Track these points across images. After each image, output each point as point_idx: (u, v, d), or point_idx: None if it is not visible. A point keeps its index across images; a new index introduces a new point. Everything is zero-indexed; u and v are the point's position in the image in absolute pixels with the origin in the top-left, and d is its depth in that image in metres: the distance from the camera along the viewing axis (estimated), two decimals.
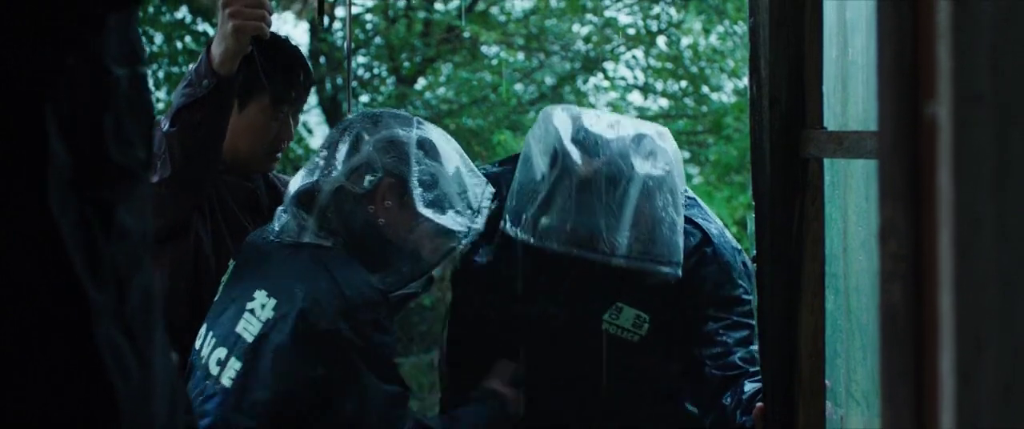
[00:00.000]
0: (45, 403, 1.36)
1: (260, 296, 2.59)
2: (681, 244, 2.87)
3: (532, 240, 2.85)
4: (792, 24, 2.35)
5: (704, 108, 8.95)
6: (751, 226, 2.45)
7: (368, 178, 2.66)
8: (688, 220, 2.96)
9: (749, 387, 2.82)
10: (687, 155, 9.01)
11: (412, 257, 2.68)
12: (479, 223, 2.77)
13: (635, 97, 9.17)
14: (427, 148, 2.74)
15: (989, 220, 1.05)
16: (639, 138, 2.88)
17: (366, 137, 2.69)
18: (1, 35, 1.32)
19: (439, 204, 2.72)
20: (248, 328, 2.57)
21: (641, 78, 9.18)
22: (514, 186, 2.95)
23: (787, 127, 2.38)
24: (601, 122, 2.91)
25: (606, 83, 9.11)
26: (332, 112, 8.96)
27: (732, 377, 2.86)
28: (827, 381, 2.47)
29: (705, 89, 9.02)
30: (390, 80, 9.39)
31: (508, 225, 2.89)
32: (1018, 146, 1.05)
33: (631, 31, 9.15)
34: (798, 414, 2.43)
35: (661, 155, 2.89)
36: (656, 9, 9.17)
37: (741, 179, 8.07)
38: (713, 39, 9.06)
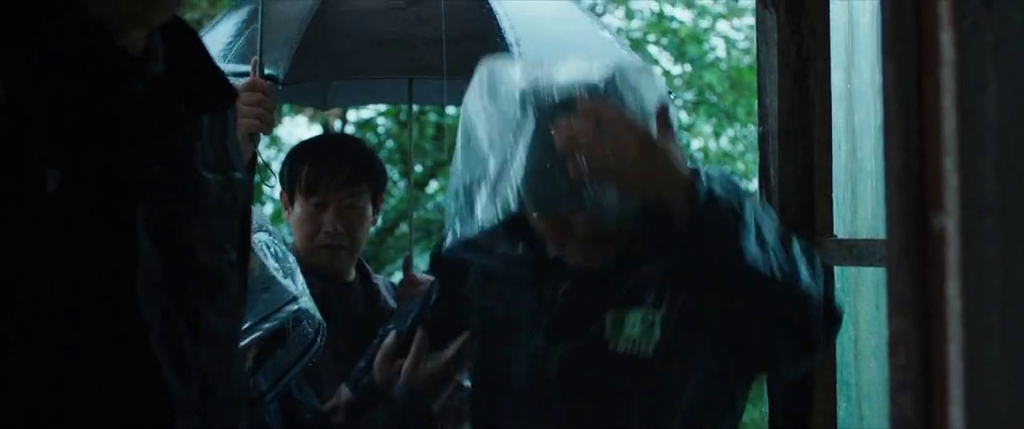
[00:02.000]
0: None
1: None
2: None
3: (526, 208, 2.11)
4: (801, 134, 2.37)
5: None
6: None
7: None
8: None
9: None
10: None
11: None
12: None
13: None
14: None
15: (997, 332, 1.05)
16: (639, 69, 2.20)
17: None
18: (95, 140, 1.35)
19: None
20: None
21: None
22: (458, 183, 2.16)
23: (797, 235, 2.38)
24: (566, 61, 2.14)
25: None
26: None
27: None
28: None
29: None
30: (401, 183, 9.44)
31: (458, 225, 2.20)
32: None
33: None
34: None
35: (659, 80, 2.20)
36: None
37: None
38: (723, 142, 9.10)
